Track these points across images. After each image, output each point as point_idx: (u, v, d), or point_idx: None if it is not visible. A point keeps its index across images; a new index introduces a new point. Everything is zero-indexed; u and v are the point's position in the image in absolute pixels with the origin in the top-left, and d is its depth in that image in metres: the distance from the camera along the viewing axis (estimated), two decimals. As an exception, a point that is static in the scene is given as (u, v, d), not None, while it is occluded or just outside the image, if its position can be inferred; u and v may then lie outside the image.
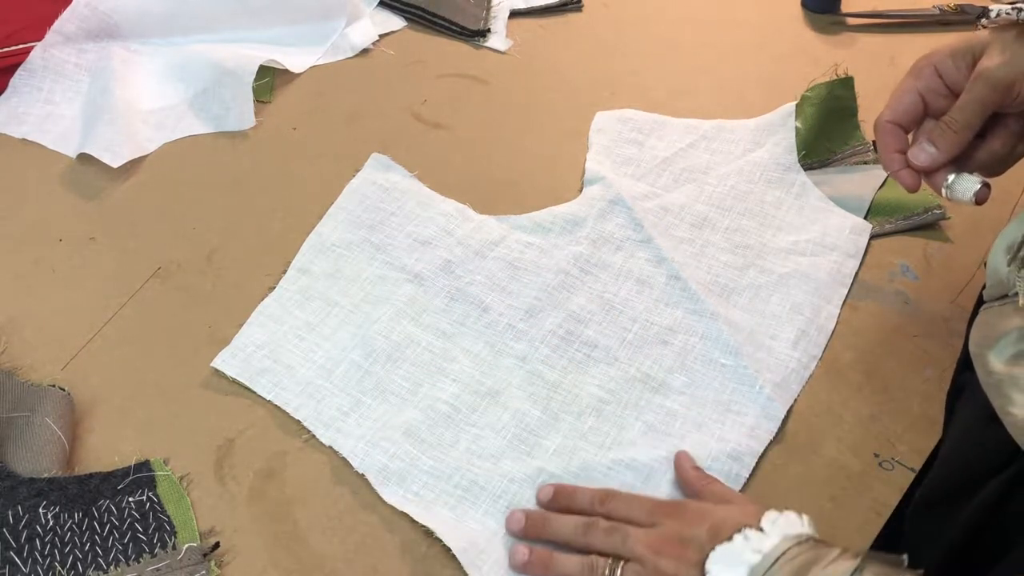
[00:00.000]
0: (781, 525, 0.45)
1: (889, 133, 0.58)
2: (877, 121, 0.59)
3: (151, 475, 0.54)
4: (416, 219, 0.72)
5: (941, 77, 0.56)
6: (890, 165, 0.58)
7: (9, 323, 0.64)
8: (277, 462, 0.57)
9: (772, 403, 0.60)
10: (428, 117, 0.85)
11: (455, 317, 0.65)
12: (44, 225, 0.71)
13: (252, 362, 0.61)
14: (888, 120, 0.58)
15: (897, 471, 0.58)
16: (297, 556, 0.52)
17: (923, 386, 0.63)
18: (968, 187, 0.55)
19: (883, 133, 0.59)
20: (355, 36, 0.92)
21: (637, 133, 0.83)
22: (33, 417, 0.55)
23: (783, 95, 0.82)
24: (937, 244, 0.73)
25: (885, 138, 0.58)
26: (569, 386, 0.62)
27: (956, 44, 0.56)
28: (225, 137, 0.81)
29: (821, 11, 1.01)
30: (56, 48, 0.84)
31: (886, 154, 0.58)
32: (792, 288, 0.68)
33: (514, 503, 0.54)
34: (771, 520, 0.46)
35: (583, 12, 1.01)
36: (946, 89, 0.57)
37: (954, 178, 0.56)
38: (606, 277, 0.69)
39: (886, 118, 0.58)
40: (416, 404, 0.60)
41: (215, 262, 0.69)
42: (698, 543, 0.46)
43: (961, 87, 0.55)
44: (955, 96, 0.56)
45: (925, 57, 0.58)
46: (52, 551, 0.50)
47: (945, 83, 0.56)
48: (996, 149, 0.56)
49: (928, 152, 0.56)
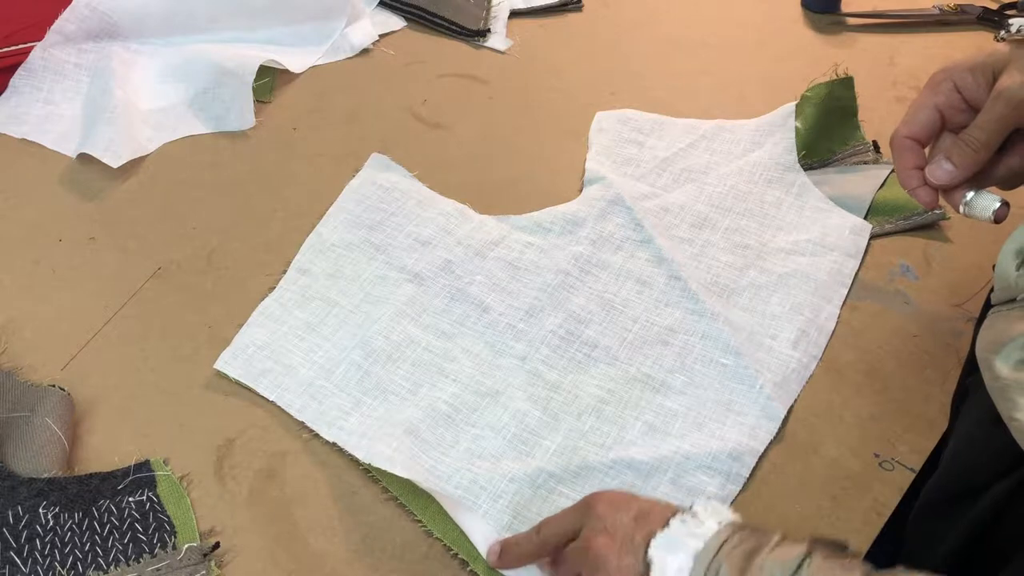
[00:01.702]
0: (712, 511, 0.45)
1: (907, 149, 0.57)
2: (894, 136, 0.58)
3: (151, 475, 0.54)
4: (416, 219, 0.72)
5: (960, 92, 0.55)
6: (908, 182, 0.57)
7: (9, 323, 0.64)
8: (277, 462, 0.57)
9: (772, 403, 0.60)
10: (428, 117, 0.85)
11: (455, 317, 0.65)
12: (44, 225, 0.71)
13: (254, 363, 0.61)
14: (905, 135, 0.57)
15: (897, 471, 0.58)
16: (297, 556, 0.52)
17: (923, 386, 0.63)
18: (987, 205, 0.55)
19: (900, 149, 0.58)
20: (355, 36, 0.93)
21: (637, 133, 0.83)
22: (33, 417, 0.55)
23: (783, 95, 0.82)
24: (937, 244, 0.73)
25: (903, 154, 0.57)
26: (569, 386, 0.62)
27: (976, 59, 0.55)
28: (225, 137, 0.81)
29: (821, 11, 1.02)
30: (56, 48, 0.84)
31: (904, 171, 0.57)
32: (792, 288, 0.68)
33: (514, 503, 0.54)
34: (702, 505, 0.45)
35: (583, 12, 1.01)
36: (964, 104, 0.56)
37: (973, 196, 0.55)
38: (606, 277, 0.69)
39: (903, 133, 0.57)
40: (416, 404, 0.60)
41: (215, 262, 0.69)
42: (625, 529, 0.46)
43: (980, 103, 0.54)
44: (973, 111, 0.55)
45: (943, 71, 0.56)
46: (52, 551, 0.50)
47: (964, 98, 0.55)
48: (1014, 165, 0.56)
49: (946, 170, 0.55)
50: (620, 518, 0.46)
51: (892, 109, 0.87)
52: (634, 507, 0.47)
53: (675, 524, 0.44)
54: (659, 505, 0.47)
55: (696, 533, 0.43)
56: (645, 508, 0.46)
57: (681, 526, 0.44)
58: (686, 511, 0.45)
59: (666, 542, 0.44)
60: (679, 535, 0.44)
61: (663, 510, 0.46)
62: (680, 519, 0.44)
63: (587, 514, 0.48)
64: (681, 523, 0.44)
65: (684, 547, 0.43)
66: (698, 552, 0.42)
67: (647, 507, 0.46)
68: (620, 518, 0.46)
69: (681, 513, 0.45)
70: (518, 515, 0.54)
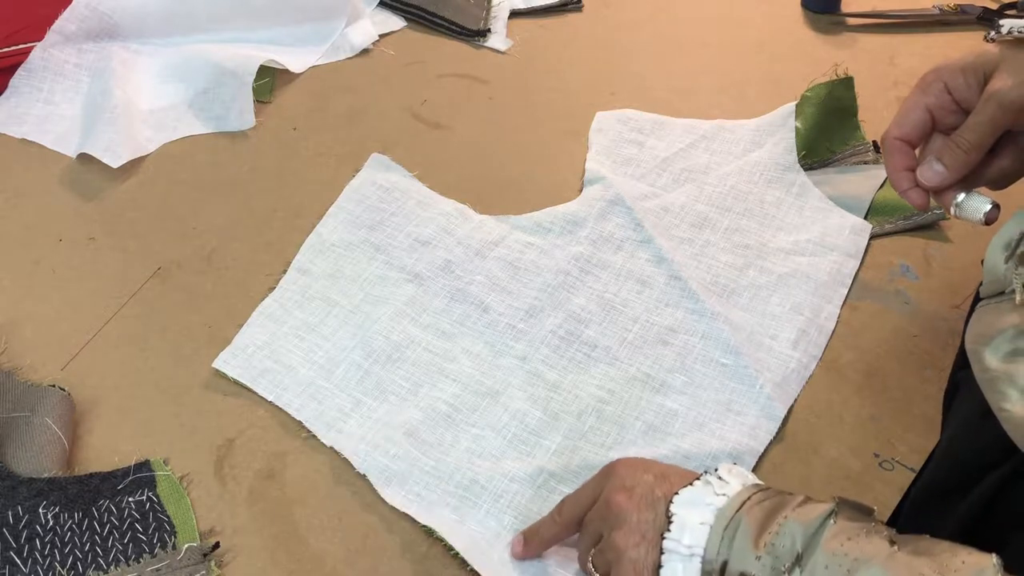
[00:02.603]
0: (737, 474, 0.46)
1: (897, 151, 0.57)
2: (884, 137, 0.58)
3: (151, 475, 0.54)
4: (416, 219, 0.72)
5: (950, 93, 0.55)
6: (899, 184, 0.58)
7: (9, 323, 0.64)
8: (277, 462, 0.57)
9: (772, 403, 0.60)
10: (428, 117, 0.85)
11: (455, 317, 0.65)
12: (44, 225, 0.71)
13: (253, 363, 0.61)
14: (896, 136, 0.57)
15: (897, 471, 0.58)
16: (297, 556, 0.52)
17: (923, 386, 0.63)
18: (978, 207, 0.55)
19: (891, 151, 0.58)
20: (355, 36, 0.93)
21: (637, 133, 0.83)
22: (33, 417, 0.55)
23: (783, 95, 0.82)
24: (937, 244, 0.73)
25: (893, 156, 0.58)
26: (569, 386, 0.62)
27: (967, 60, 0.55)
28: (225, 137, 0.81)
29: (821, 11, 1.02)
30: (56, 48, 0.84)
31: (894, 172, 0.58)
32: (792, 288, 0.68)
33: (515, 503, 0.55)
34: (727, 468, 0.46)
35: (583, 12, 1.01)
36: (955, 105, 0.56)
37: (964, 197, 0.56)
38: (606, 277, 0.69)
39: (894, 134, 0.57)
40: (416, 404, 0.60)
41: (215, 262, 0.69)
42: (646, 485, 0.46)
43: (971, 104, 0.54)
44: (964, 112, 0.55)
45: (933, 71, 0.56)
46: (52, 551, 0.50)
47: (954, 99, 0.55)
48: (1005, 166, 0.56)
49: (937, 171, 0.55)
50: (641, 477, 0.47)
51: (892, 109, 0.87)
52: (655, 469, 0.48)
53: (699, 484, 0.45)
54: (682, 470, 0.48)
55: (719, 492, 0.44)
56: (667, 471, 0.48)
57: (705, 487, 0.45)
58: (711, 472, 0.46)
59: (689, 498, 0.45)
60: (703, 492, 0.45)
61: (686, 474, 0.47)
62: (705, 480, 0.46)
63: (608, 476, 0.49)
64: (705, 484, 0.45)
65: (706, 504, 0.44)
66: (720, 508, 0.43)
67: (669, 470, 0.48)
68: (641, 477, 0.47)
69: (706, 475, 0.46)
70: (519, 515, 0.54)
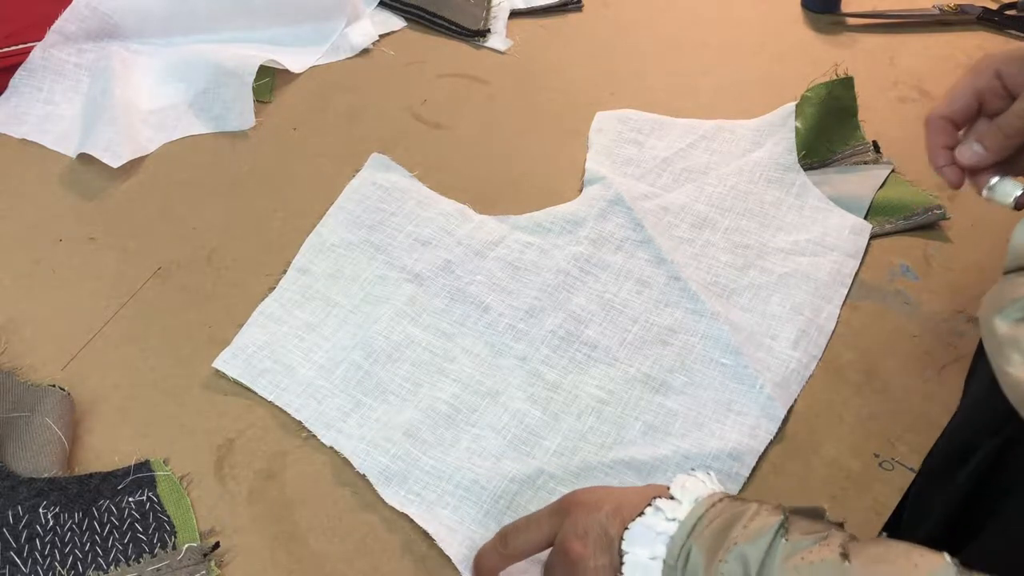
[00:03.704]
0: (690, 489, 0.44)
1: (940, 128, 0.58)
2: (929, 115, 0.59)
3: (151, 475, 0.54)
4: (416, 219, 0.72)
5: (1001, 79, 0.56)
6: (936, 160, 0.58)
7: (9, 323, 0.64)
8: (277, 462, 0.57)
9: (772, 403, 0.60)
10: (428, 117, 0.85)
11: (455, 317, 0.65)
12: (44, 225, 0.71)
13: (253, 363, 0.61)
14: (941, 115, 0.58)
15: (897, 471, 0.58)
16: (297, 556, 0.52)
17: (923, 386, 0.63)
18: (1010, 192, 0.56)
19: (934, 127, 0.59)
20: (355, 36, 0.93)
21: (637, 133, 0.83)
22: (33, 417, 0.55)
23: (783, 95, 0.82)
24: (937, 244, 0.73)
25: (936, 132, 0.58)
26: (569, 386, 0.62)
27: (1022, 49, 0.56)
28: (225, 137, 0.81)
29: (821, 11, 1.02)
30: (56, 48, 0.84)
31: (934, 149, 0.58)
32: (792, 288, 0.68)
33: (515, 503, 0.55)
34: (680, 485, 0.45)
35: (583, 12, 1.01)
36: (1004, 91, 0.57)
37: (997, 180, 0.56)
38: (606, 277, 0.69)
39: (939, 112, 0.58)
40: (416, 404, 0.60)
41: (215, 262, 0.69)
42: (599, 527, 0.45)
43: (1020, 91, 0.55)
44: (1012, 99, 0.56)
45: (988, 57, 0.57)
46: (52, 551, 0.50)
47: (1004, 85, 0.56)
48: None
49: (975, 151, 0.56)
50: (593, 518, 0.46)
51: (892, 109, 0.87)
52: (609, 502, 0.46)
53: (649, 512, 0.44)
54: (638, 494, 0.46)
55: (670, 518, 0.43)
56: (620, 502, 0.46)
57: (655, 514, 0.44)
58: (664, 496, 0.44)
59: (640, 533, 0.43)
60: (652, 523, 0.43)
61: (639, 501, 0.45)
62: (655, 506, 0.44)
63: (560, 515, 0.48)
64: (655, 511, 0.44)
65: (657, 534, 0.43)
66: (672, 537, 0.42)
67: (623, 500, 0.46)
68: (593, 518, 0.46)
69: (658, 499, 0.44)
70: (518, 516, 0.53)
